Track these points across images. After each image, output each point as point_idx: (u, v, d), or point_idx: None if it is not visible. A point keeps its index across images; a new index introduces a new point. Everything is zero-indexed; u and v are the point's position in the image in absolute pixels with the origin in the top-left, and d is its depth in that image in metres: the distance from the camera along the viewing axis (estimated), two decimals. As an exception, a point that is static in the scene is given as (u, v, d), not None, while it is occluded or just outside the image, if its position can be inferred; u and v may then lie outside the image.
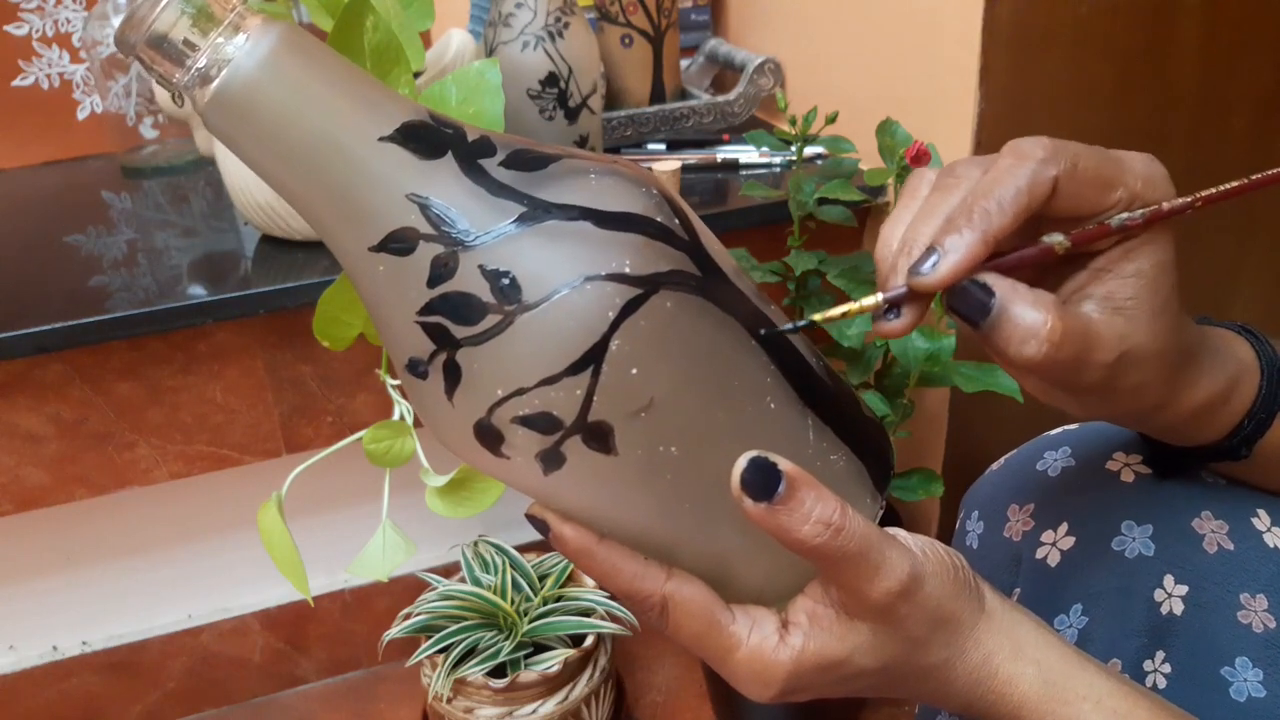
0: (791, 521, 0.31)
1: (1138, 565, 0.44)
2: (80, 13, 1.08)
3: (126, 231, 0.94)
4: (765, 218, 0.90)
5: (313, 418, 0.88)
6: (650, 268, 0.29)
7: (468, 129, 0.30)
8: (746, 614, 0.34)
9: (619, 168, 0.31)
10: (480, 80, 0.71)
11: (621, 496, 0.32)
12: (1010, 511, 0.50)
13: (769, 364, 0.33)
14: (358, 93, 0.29)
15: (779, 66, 1.05)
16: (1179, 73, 0.83)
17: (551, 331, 0.28)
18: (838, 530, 0.31)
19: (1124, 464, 0.47)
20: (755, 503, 0.31)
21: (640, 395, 0.29)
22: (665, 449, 0.31)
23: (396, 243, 0.29)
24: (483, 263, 0.28)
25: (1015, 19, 0.77)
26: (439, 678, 0.83)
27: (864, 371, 0.85)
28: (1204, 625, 0.43)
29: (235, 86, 0.28)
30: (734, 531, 0.33)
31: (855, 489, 0.35)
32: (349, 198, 0.29)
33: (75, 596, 1.00)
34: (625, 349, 0.29)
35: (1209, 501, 0.44)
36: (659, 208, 0.30)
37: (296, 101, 0.28)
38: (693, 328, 0.30)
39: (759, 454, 0.31)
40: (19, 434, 0.81)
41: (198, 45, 0.28)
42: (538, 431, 0.29)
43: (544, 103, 0.83)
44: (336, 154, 0.28)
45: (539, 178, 0.29)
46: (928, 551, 0.35)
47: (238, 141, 0.29)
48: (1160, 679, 0.44)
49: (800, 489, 0.31)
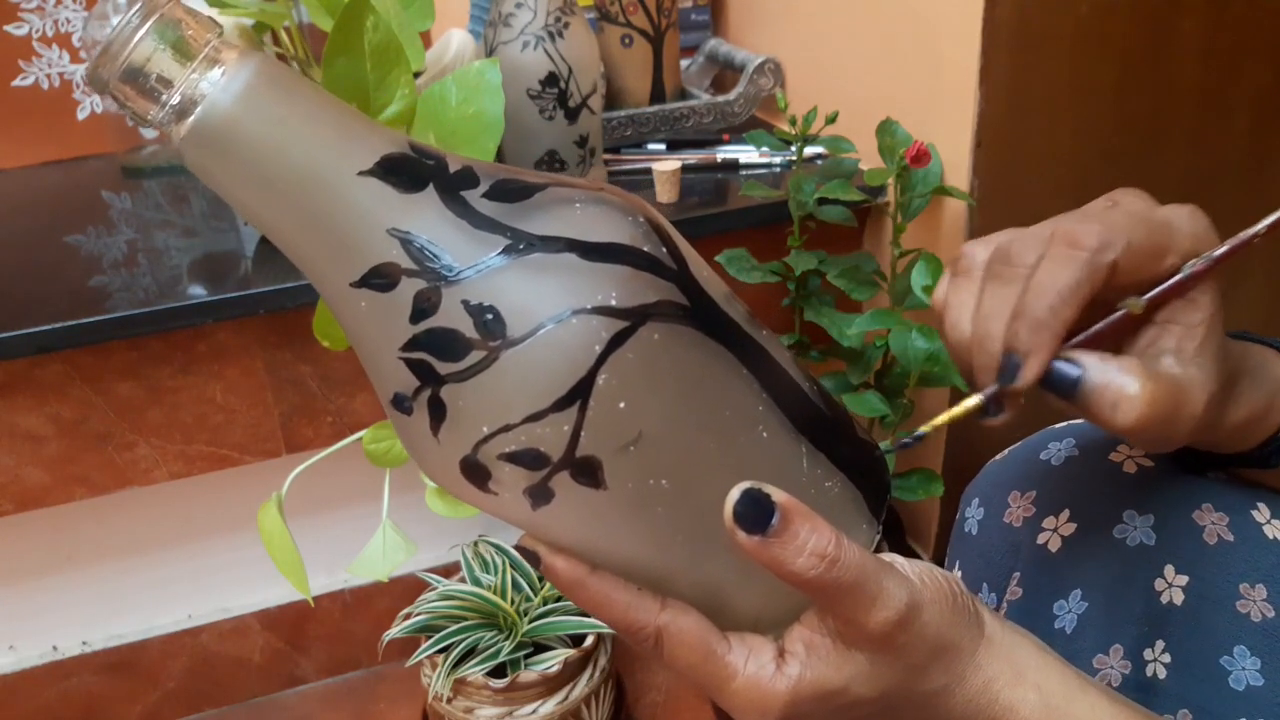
0: (786, 554, 0.31)
1: (1138, 554, 0.45)
2: (80, 13, 1.08)
3: (126, 231, 0.94)
4: (765, 218, 0.90)
5: (313, 418, 0.88)
6: (637, 299, 0.29)
7: (450, 159, 0.30)
8: (743, 643, 0.34)
9: (606, 195, 0.31)
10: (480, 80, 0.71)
11: (612, 530, 0.31)
12: (1011, 498, 0.50)
13: (761, 392, 0.32)
14: (336, 125, 0.28)
15: (779, 66, 1.05)
16: (1179, 73, 0.83)
17: (537, 367, 0.28)
18: (833, 562, 0.31)
19: (1127, 455, 0.47)
20: (749, 535, 0.31)
21: (629, 429, 0.29)
22: (655, 482, 0.30)
23: (378, 278, 0.28)
24: (466, 298, 0.28)
25: (1015, 19, 0.77)
26: (439, 678, 0.83)
27: (864, 371, 0.85)
28: (1203, 615, 0.43)
29: (212, 122, 0.27)
30: (728, 561, 0.32)
31: (851, 515, 0.35)
32: (329, 233, 0.28)
33: (75, 596, 1.00)
34: (613, 383, 0.28)
35: (1209, 494, 0.45)
36: (646, 236, 0.30)
37: (274, 136, 0.27)
38: (681, 358, 0.30)
39: (752, 485, 0.31)
40: (19, 434, 0.81)
41: (173, 80, 0.27)
42: (525, 468, 0.29)
43: (544, 103, 0.83)
44: (316, 189, 0.28)
45: (523, 208, 0.29)
46: (925, 579, 0.34)
47: (215, 176, 0.28)
48: (1160, 668, 0.44)
49: (794, 520, 0.31)
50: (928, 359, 0.73)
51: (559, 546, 0.32)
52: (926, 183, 0.81)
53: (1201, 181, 0.89)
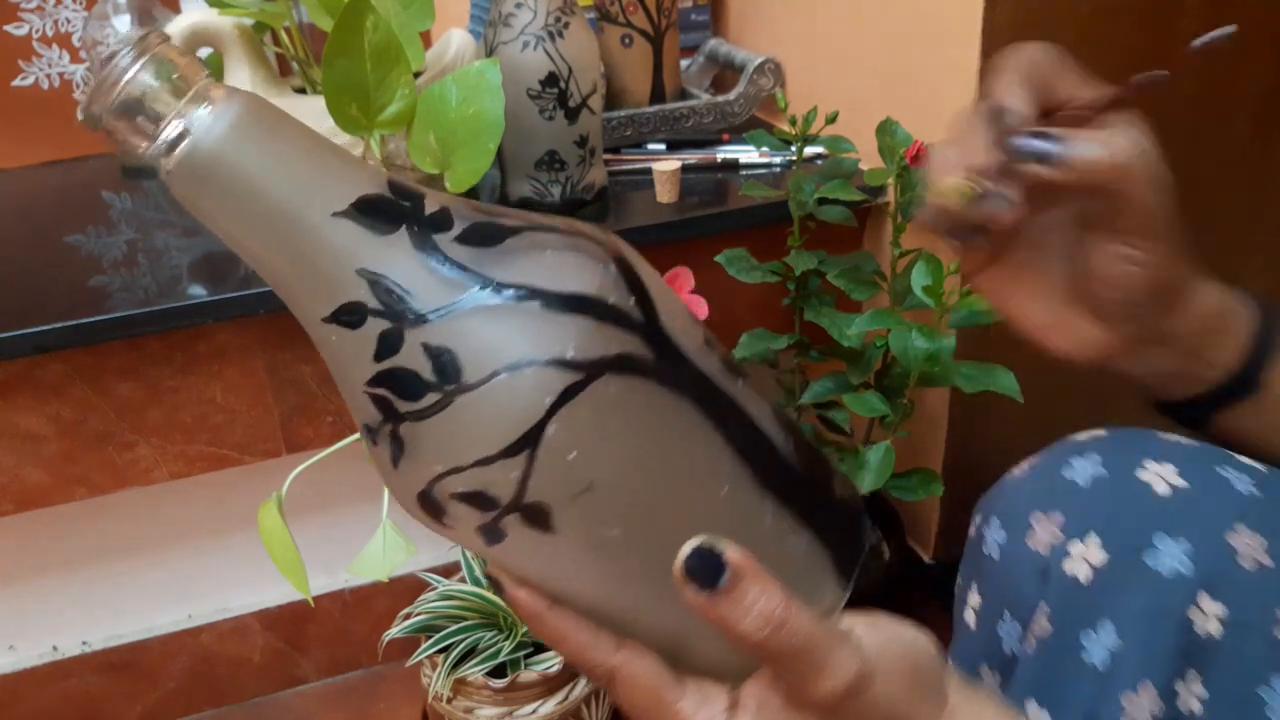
0: (734, 614, 0.30)
1: (1172, 583, 0.43)
2: (80, 13, 1.08)
3: (126, 231, 0.94)
4: (765, 218, 0.90)
5: (313, 418, 0.88)
6: (596, 352, 0.29)
7: (429, 200, 0.30)
8: (698, 690, 0.34)
9: (581, 242, 0.31)
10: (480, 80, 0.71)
11: (565, 573, 0.32)
12: (1035, 520, 0.48)
13: (725, 446, 0.32)
14: (317, 165, 0.29)
15: (779, 66, 1.05)
16: (1179, 73, 0.83)
17: (488, 414, 0.28)
18: (779, 626, 0.30)
19: (1156, 473, 0.46)
20: (697, 591, 0.30)
21: (579, 479, 0.29)
22: (607, 531, 0.30)
23: (347, 315, 0.29)
24: (426, 340, 0.28)
25: (1015, 19, 0.77)
26: (439, 678, 0.83)
27: (864, 371, 0.85)
28: (1240, 645, 0.42)
29: (197, 157, 0.28)
30: (682, 613, 0.32)
31: (815, 575, 0.35)
32: (305, 268, 0.29)
33: (75, 596, 1.00)
34: (562, 435, 0.29)
35: (1245, 513, 0.43)
36: (615, 286, 0.30)
37: (255, 173, 0.28)
38: (638, 412, 0.30)
39: (704, 541, 0.30)
40: (19, 434, 0.81)
41: (163, 116, 0.28)
42: (475, 508, 0.29)
43: (544, 103, 0.83)
44: (293, 226, 0.29)
45: (493, 254, 0.29)
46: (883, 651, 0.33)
47: (200, 208, 0.29)
48: (1195, 703, 0.42)
49: (744, 580, 0.30)
50: (928, 359, 0.73)
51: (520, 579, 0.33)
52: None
53: (1201, 181, 0.89)
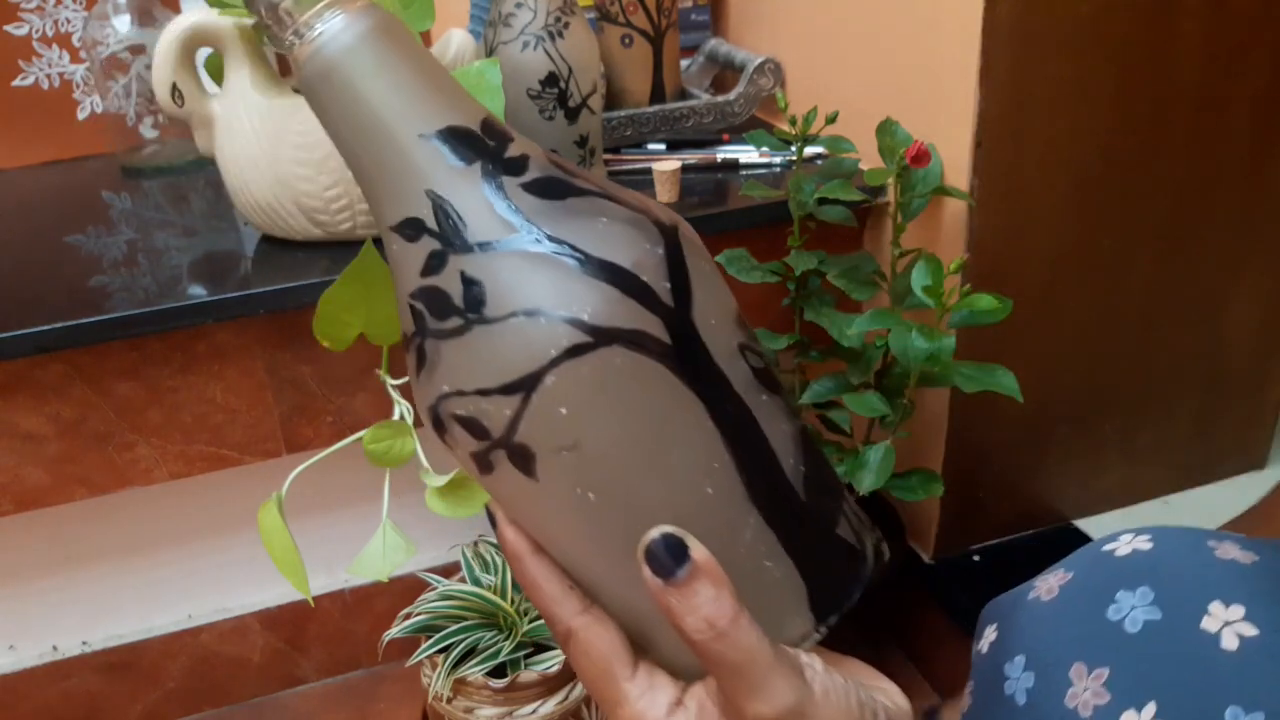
0: (680, 608, 0.30)
1: None
2: (80, 13, 1.08)
3: (126, 231, 0.94)
4: (765, 218, 0.90)
5: (313, 418, 0.88)
6: (611, 321, 0.30)
7: (515, 145, 0.32)
8: (648, 676, 0.34)
9: (640, 219, 0.32)
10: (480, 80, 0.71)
11: (543, 522, 0.33)
12: (1075, 673, 0.42)
13: (723, 451, 0.32)
14: (421, 88, 0.32)
15: (779, 66, 1.05)
16: (1179, 73, 0.83)
17: (497, 350, 0.30)
18: (720, 635, 0.30)
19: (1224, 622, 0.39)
20: (652, 575, 0.31)
21: (566, 435, 0.30)
22: (584, 493, 0.31)
23: (409, 228, 0.31)
24: (464, 269, 0.30)
25: (1015, 19, 0.77)
26: (439, 678, 0.83)
27: (864, 371, 0.85)
28: None
29: (320, 57, 0.31)
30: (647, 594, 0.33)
31: (785, 605, 0.34)
32: (387, 176, 0.32)
33: (75, 596, 1.00)
34: (559, 387, 0.30)
35: None
36: (656, 267, 0.31)
37: (365, 83, 0.31)
38: (639, 390, 0.31)
39: (674, 530, 0.31)
40: (19, 434, 0.81)
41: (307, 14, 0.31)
42: (471, 434, 0.31)
43: (544, 103, 0.83)
44: (386, 137, 0.31)
45: (553, 207, 0.31)
46: (832, 695, 0.33)
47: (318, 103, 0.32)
48: None
49: (700, 580, 0.30)
50: (928, 359, 0.73)
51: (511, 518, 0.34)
52: (926, 183, 0.81)
53: (1201, 181, 0.89)
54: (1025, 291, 0.86)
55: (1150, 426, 1.01)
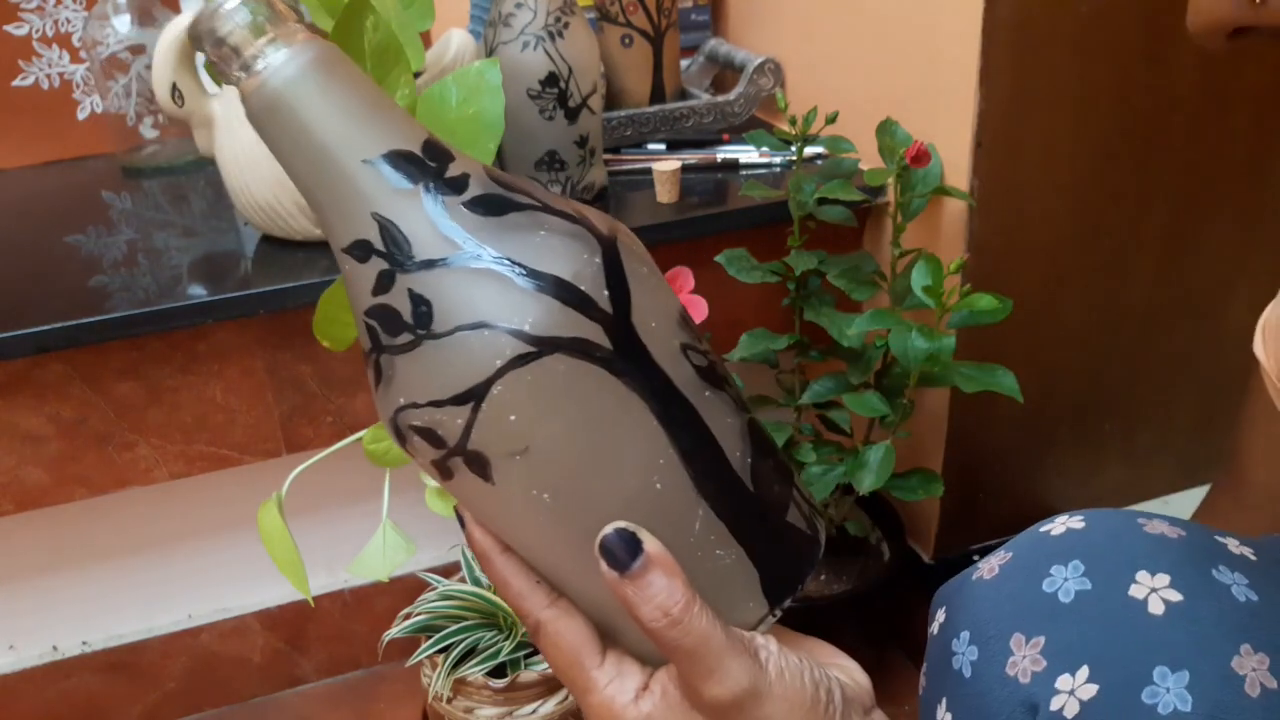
0: (636, 598, 0.32)
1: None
2: (80, 13, 1.08)
3: (126, 231, 0.94)
4: (765, 218, 0.90)
5: (313, 418, 0.88)
6: (553, 331, 0.31)
7: (454, 164, 0.34)
8: (617, 663, 0.35)
9: (578, 229, 0.34)
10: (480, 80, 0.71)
11: (504, 522, 0.35)
12: (1014, 643, 0.44)
13: (668, 447, 0.34)
14: (365, 115, 0.33)
15: (779, 66, 1.05)
16: (1179, 73, 0.83)
17: (446, 362, 0.32)
18: (674, 623, 0.32)
19: (1150, 589, 0.42)
20: (608, 568, 0.32)
21: (517, 440, 0.32)
22: (539, 494, 0.33)
23: (357, 250, 0.33)
24: (411, 286, 0.32)
25: (1015, 19, 0.77)
26: (439, 678, 0.83)
27: (864, 371, 0.85)
28: None
29: (266, 90, 0.32)
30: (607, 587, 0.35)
31: (736, 591, 0.36)
32: (335, 202, 0.33)
33: (75, 596, 1.00)
34: (506, 396, 0.31)
35: (1247, 630, 0.40)
36: (593, 277, 0.33)
37: (309, 114, 0.32)
38: (584, 394, 0.32)
39: (627, 525, 0.33)
40: (19, 434, 0.81)
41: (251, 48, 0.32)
42: (429, 443, 0.33)
43: (544, 103, 0.83)
44: (332, 165, 0.33)
45: (493, 223, 0.33)
46: (787, 675, 0.34)
47: (265, 134, 0.33)
48: None
49: (652, 570, 0.32)
50: (928, 359, 0.73)
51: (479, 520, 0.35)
52: (926, 183, 0.81)
53: (1201, 181, 0.89)
54: (1025, 291, 0.86)
55: (1150, 426, 1.01)
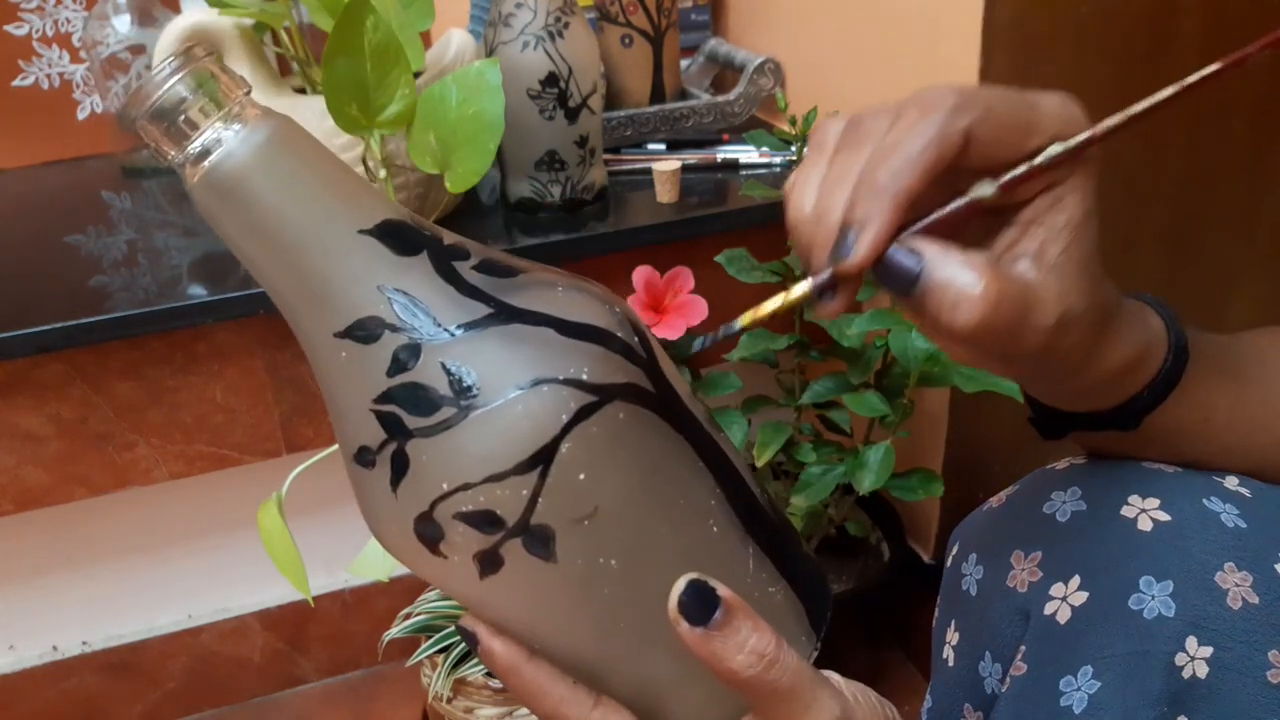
0: (725, 649, 0.30)
1: (1157, 627, 0.41)
2: (80, 13, 1.08)
3: (126, 231, 0.94)
4: (765, 218, 0.90)
5: (313, 418, 0.88)
6: (607, 378, 0.30)
7: (445, 234, 0.31)
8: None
9: (585, 285, 0.32)
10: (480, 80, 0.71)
11: (557, 608, 0.32)
12: (1014, 558, 0.46)
13: (714, 488, 0.33)
14: (342, 189, 0.30)
15: (779, 66, 1.05)
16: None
17: (504, 429, 0.29)
18: (771, 663, 0.31)
19: (1140, 510, 0.43)
20: (691, 627, 0.30)
21: (586, 502, 0.30)
22: (606, 561, 0.31)
23: (362, 330, 0.29)
24: (443, 358, 0.29)
25: (1015, 19, 0.77)
26: (439, 678, 0.83)
27: (864, 371, 0.85)
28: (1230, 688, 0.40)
29: (218, 173, 0.29)
30: (668, 657, 0.33)
31: (791, 626, 0.35)
32: (320, 284, 0.30)
33: (75, 596, 1.00)
34: (575, 453, 0.29)
35: (1231, 551, 0.41)
36: (620, 325, 0.31)
37: (280, 193, 0.29)
38: (643, 441, 0.31)
39: (698, 577, 0.31)
40: (19, 434, 0.81)
41: (197, 127, 0.29)
42: (478, 530, 0.29)
43: (544, 103, 0.83)
44: (314, 243, 0.29)
45: (507, 284, 0.31)
46: (859, 698, 0.34)
47: (221, 222, 0.30)
48: None
49: (737, 617, 0.31)
50: (928, 359, 0.73)
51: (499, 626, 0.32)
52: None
53: (1201, 181, 0.89)
54: (1025, 291, 0.86)
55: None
